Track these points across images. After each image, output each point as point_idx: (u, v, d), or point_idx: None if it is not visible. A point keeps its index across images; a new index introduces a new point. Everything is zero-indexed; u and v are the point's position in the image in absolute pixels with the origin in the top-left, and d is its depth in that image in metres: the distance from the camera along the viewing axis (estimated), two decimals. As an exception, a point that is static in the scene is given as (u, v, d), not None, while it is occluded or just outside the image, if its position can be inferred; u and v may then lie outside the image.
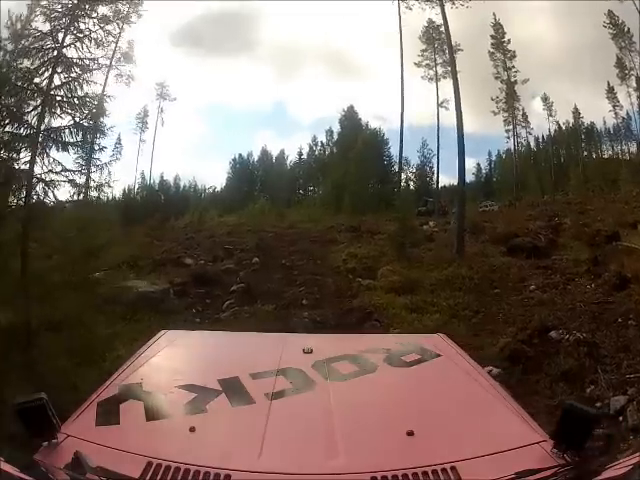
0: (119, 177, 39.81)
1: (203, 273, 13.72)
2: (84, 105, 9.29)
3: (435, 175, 33.88)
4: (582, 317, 7.97)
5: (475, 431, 1.60)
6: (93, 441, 1.48)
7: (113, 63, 24.70)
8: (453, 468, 1.35)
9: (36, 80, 9.20)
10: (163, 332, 2.59)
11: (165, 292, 11.56)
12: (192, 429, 1.53)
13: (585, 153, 33.26)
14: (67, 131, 8.98)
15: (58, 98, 9.09)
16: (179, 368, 2.19)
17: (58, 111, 8.96)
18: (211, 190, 39.95)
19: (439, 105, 28.93)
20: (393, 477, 1.32)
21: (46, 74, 9.28)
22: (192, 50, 51.81)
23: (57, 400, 1.57)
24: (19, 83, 9.01)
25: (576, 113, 31.85)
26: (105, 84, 23.99)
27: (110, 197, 31.40)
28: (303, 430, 1.59)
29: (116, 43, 25.40)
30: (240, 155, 40.10)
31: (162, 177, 38.10)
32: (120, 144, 31.88)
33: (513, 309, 9.52)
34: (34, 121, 8.70)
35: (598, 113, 34.67)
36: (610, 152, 31.98)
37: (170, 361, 2.27)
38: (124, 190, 32.84)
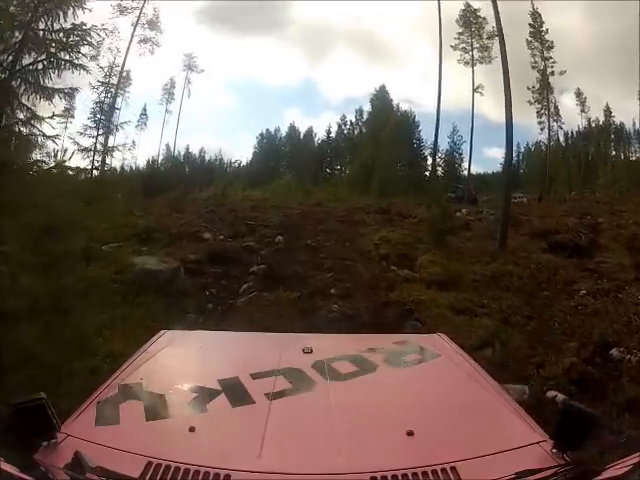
0: (143, 147, 40.88)
1: (221, 250, 12.52)
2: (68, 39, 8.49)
3: (465, 162, 33.49)
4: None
5: (475, 431, 1.61)
6: (93, 441, 1.49)
7: (137, 32, 25.10)
8: (453, 468, 1.35)
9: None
10: (163, 332, 2.59)
11: (175, 271, 10.25)
12: (192, 429, 1.54)
13: (614, 152, 32.95)
14: (45, 73, 8.27)
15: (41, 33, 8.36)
16: (179, 368, 2.21)
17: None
18: (236, 164, 39.84)
19: (474, 90, 28.66)
20: (393, 477, 1.32)
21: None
22: (220, 27, 51.79)
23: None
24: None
25: (607, 111, 31.52)
26: (128, 51, 24.64)
27: (134, 167, 32.32)
28: (303, 430, 1.59)
29: (140, 10, 25.91)
30: (267, 130, 39.80)
31: (187, 149, 38.37)
32: (146, 114, 32.64)
33: (568, 317, 8.45)
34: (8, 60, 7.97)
35: (628, 113, 33.70)
36: (639, 154, 31.65)
37: (170, 361, 2.27)
38: (148, 161, 33.32)
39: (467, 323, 8.16)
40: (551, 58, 29.08)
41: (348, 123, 38.80)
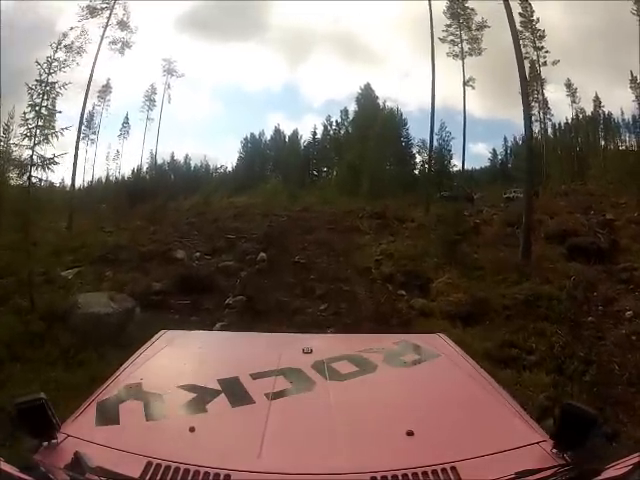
0: (128, 156, 40.32)
1: (192, 275, 10.75)
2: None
3: (454, 159, 32.83)
4: None
5: (475, 431, 1.61)
6: (93, 441, 1.49)
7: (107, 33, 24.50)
8: (453, 468, 1.35)
9: None
10: (163, 332, 2.60)
11: (128, 313, 8.35)
12: (192, 429, 1.54)
13: (603, 143, 32.67)
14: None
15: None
16: (179, 368, 2.19)
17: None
18: (222, 170, 39.54)
19: (465, 83, 28.12)
20: (393, 477, 1.32)
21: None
22: (200, 34, 51.89)
23: None
24: None
25: (597, 101, 31.20)
26: (98, 52, 24.10)
27: (118, 176, 32.18)
28: (303, 430, 1.59)
29: (110, 11, 25.40)
30: (252, 134, 39.77)
31: (172, 157, 38.22)
32: (128, 123, 32.52)
33: (626, 354, 7.25)
34: None
35: (613, 103, 33.76)
36: (628, 143, 31.16)
37: (170, 361, 2.28)
38: (133, 170, 33.20)
39: (516, 380, 6.27)
40: (543, 48, 28.68)
41: (334, 124, 38.74)
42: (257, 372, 1.95)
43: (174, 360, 2.31)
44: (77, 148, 22.81)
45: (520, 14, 28.48)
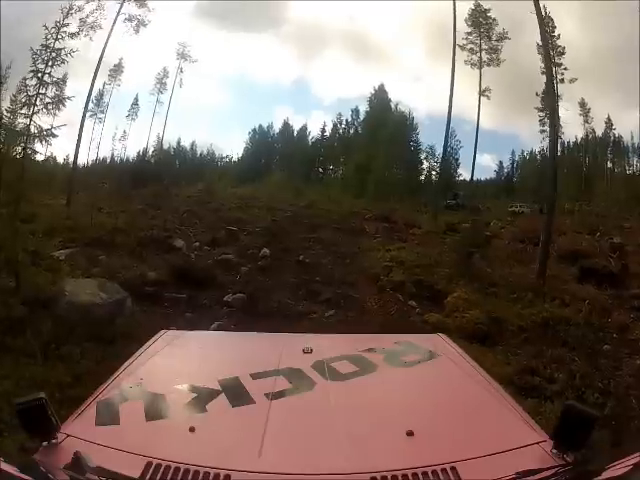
0: (135, 138, 39.80)
1: (189, 267, 10.12)
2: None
3: (461, 168, 33.40)
4: None
5: (475, 431, 1.61)
6: (93, 441, 1.48)
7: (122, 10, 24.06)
8: (453, 468, 1.35)
9: None
10: (163, 332, 2.59)
11: (119, 304, 7.63)
12: (192, 429, 1.54)
13: (610, 165, 32.61)
14: None
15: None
16: (179, 368, 2.19)
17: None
18: (227, 160, 39.66)
19: (481, 93, 27.97)
20: (393, 477, 1.32)
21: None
22: (216, 23, 52.00)
23: None
24: None
25: (608, 123, 31.10)
26: (112, 27, 23.86)
27: (124, 158, 32.08)
28: (303, 430, 1.59)
29: None
30: (260, 126, 39.69)
31: (179, 142, 38.24)
32: (137, 105, 32.49)
33: None
34: None
35: (625, 125, 33.62)
36: (635, 168, 31.42)
37: (170, 361, 2.27)
38: (138, 152, 33.15)
39: (537, 410, 5.53)
40: (562, 64, 28.15)
41: (344, 122, 38.68)
42: (257, 372, 1.95)
43: (174, 360, 2.30)
44: (82, 124, 22.61)
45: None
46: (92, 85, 23.68)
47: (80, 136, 22.10)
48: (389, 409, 1.75)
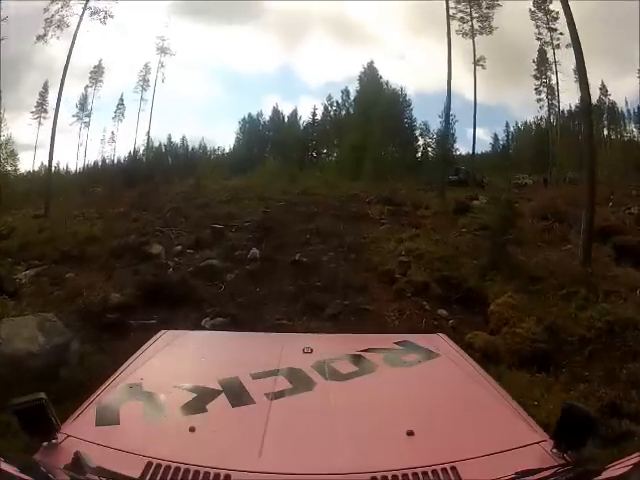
0: (123, 139, 39.14)
1: (163, 282, 8.50)
2: None
3: (457, 143, 32.41)
4: None
5: (475, 431, 1.61)
6: (93, 441, 1.49)
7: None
8: (453, 468, 1.36)
9: None
10: (163, 332, 2.59)
11: (61, 349, 5.92)
12: (192, 429, 1.54)
13: (606, 132, 31.79)
14: None
15: None
16: (179, 368, 2.20)
17: None
18: (219, 152, 38.89)
19: (476, 63, 27.20)
20: (393, 477, 1.33)
21: None
22: (196, 18, 50.91)
23: None
24: None
25: (603, 90, 30.27)
26: (78, 27, 23.00)
27: (114, 159, 31.56)
28: (303, 430, 1.59)
29: None
30: (250, 115, 38.81)
31: (169, 139, 37.64)
32: (123, 105, 31.86)
33: None
34: None
35: (620, 92, 32.98)
36: (631, 134, 30.75)
37: (170, 361, 2.27)
38: (130, 152, 32.49)
39: None
40: (556, 30, 26.96)
41: (334, 104, 37.86)
42: (257, 372, 1.95)
43: (174, 360, 2.31)
44: (54, 129, 21.70)
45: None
46: (61, 86, 22.52)
47: (53, 139, 21.46)
48: (389, 409, 1.76)
